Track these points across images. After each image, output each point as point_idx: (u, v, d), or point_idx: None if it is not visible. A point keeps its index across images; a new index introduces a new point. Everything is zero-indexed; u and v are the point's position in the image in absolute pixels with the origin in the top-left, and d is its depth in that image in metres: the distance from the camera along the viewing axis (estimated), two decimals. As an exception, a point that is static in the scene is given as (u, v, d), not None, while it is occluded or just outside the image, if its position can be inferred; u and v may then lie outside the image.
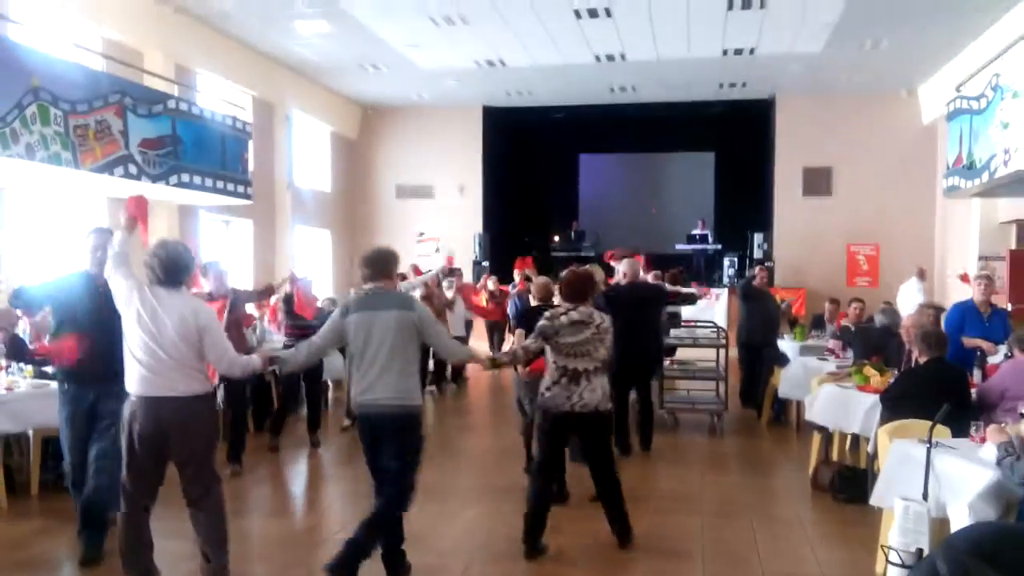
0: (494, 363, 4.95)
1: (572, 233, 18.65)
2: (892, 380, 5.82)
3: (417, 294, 9.44)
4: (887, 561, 3.89)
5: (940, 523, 4.00)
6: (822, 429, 6.65)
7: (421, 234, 16.78)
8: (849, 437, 6.62)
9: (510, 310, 10.78)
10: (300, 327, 7.73)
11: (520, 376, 6.42)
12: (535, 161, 19.60)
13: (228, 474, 6.39)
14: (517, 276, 11.28)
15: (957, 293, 14.00)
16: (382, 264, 4.40)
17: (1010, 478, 3.59)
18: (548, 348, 4.90)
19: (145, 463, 3.98)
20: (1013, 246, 13.53)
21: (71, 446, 4.81)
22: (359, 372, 4.26)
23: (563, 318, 4.86)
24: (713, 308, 15.59)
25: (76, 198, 10.89)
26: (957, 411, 5.17)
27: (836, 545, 5.20)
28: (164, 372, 3.91)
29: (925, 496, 3.91)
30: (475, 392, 11.82)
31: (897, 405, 5.35)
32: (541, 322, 4.91)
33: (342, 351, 6.86)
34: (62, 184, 10.07)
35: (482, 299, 12.84)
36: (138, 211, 4.38)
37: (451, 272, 11.76)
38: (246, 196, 12.44)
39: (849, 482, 5.98)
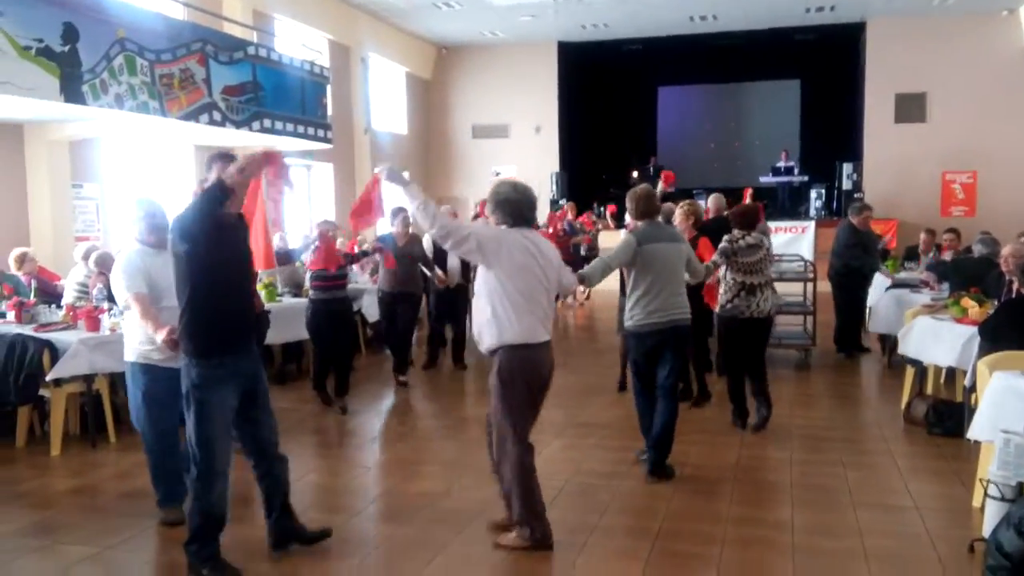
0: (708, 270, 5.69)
1: (651, 169, 18.28)
2: (991, 311, 5.58)
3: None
4: (985, 494, 3.78)
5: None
6: (915, 363, 6.46)
7: (497, 174, 16.76)
8: (944, 371, 6.42)
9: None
10: (324, 278, 6.94)
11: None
12: (612, 96, 19.24)
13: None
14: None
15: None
16: (653, 202, 5.12)
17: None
18: (726, 267, 5.90)
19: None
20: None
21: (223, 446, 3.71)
22: (649, 294, 4.90)
23: (741, 241, 5.87)
24: (800, 241, 15.21)
25: (165, 146, 11.20)
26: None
27: (930, 478, 5.07)
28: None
29: (1028, 428, 3.76)
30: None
31: (997, 337, 5.14)
32: (723, 244, 5.89)
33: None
34: (151, 133, 10.36)
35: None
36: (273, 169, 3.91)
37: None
38: (326, 140, 12.59)
39: (944, 416, 5.81)
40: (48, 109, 8.07)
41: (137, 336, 4.30)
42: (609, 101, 19.18)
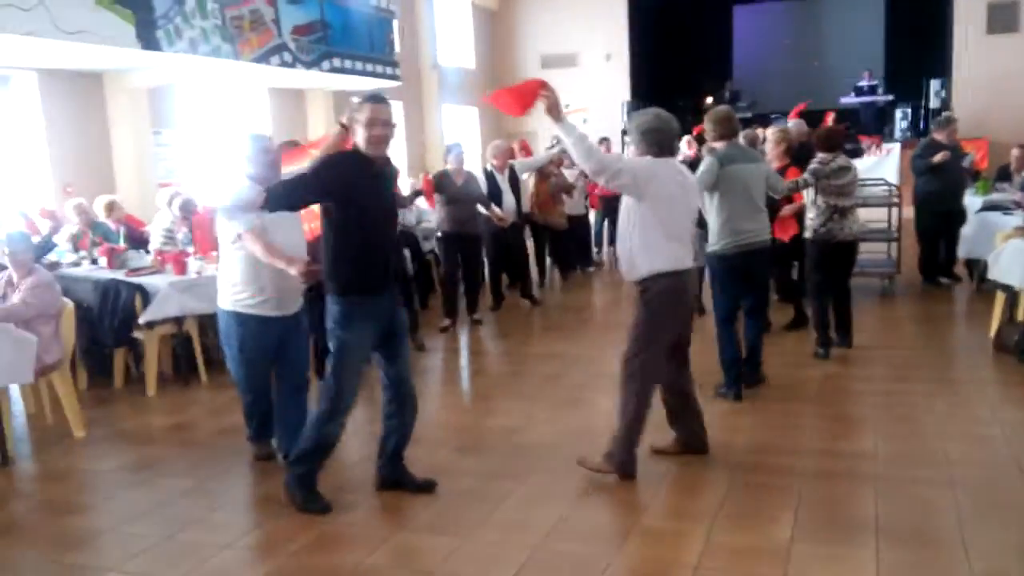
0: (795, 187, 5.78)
1: (727, 94, 17.77)
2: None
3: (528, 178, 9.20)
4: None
5: None
6: (1006, 288, 6.20)
7: (567, 105, 16.40)
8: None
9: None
10: None
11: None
12: (684, 18, 18.59)
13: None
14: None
15: None
16: (733, 123, 5.20)
17: None
18: (815, 190, 5.88)
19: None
20: None
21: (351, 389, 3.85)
22: (736, 215, 4.99)
23: (832, 164, 5.83)
24: (884, 164, 14.65)
25: (239, 90, 11.34)
26: None
27: (1020, 408, 4.92)
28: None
29: None
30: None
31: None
32: (813, 165, 5.87)
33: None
34: (225, 77, 10.50)
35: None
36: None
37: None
38: (395, 78, 12.58)
39: (1038, 343, 5.60)
40: (126, 57, 8.24)
41: (232, 282, 4.21)
42: (681, 24, 18.56)
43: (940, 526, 3.43)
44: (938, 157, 7.83)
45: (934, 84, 15.60)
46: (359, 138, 3.63)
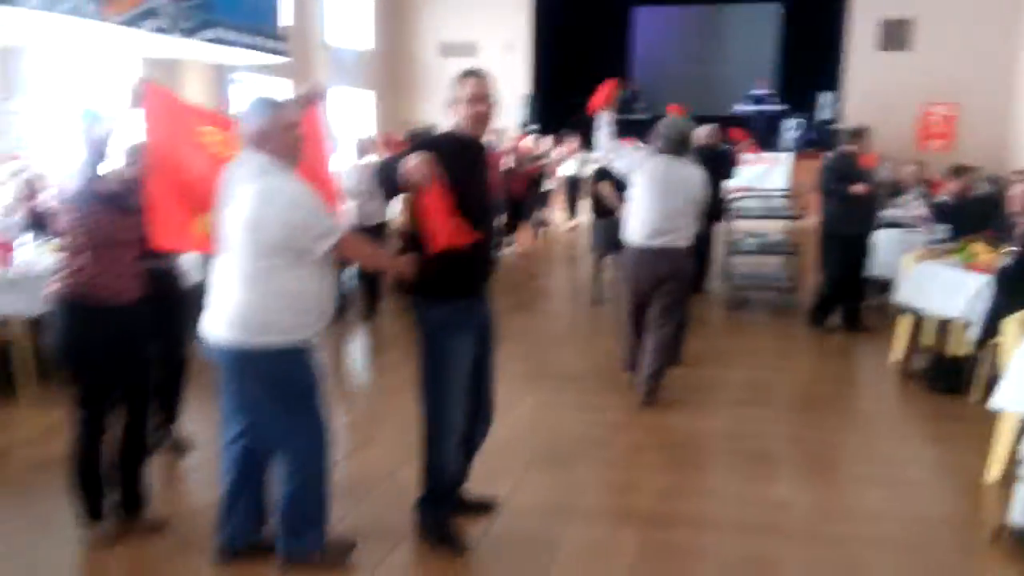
0: None
1: (625, 94, 17.53)
2: (1010, 259, 5.14)
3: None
4: (1019, 476, 3.35)
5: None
6: (914, 311, 6.02)
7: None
8: (935, 321, 5.96)
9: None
10: None
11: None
12: (586, 16, 18.25)
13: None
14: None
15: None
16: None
17: None
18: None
19: None
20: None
21: (459, 405, 3.36)
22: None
23: None
24: (773, 173, 14.74)
25: (108, 57, 10.27)
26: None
27: (936, 445, 4.64)
28: None
29: (1071, 405, 3.33)
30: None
31: (1015, 287, 4.71)
32: None
33: None
34: (89, 40, 9.44)
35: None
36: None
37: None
38: (281, 53, 11.70)
39: (947, 372, 5.40)
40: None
41: (294, 309, 3.02)
42: (583, 21, 18.22)
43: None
44: (859, 188, 6.66)
45: (826, 97, 15.81)
46: (460, 117, 3.17)
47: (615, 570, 3.27)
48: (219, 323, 2.98)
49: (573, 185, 13.76)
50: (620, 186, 6.15)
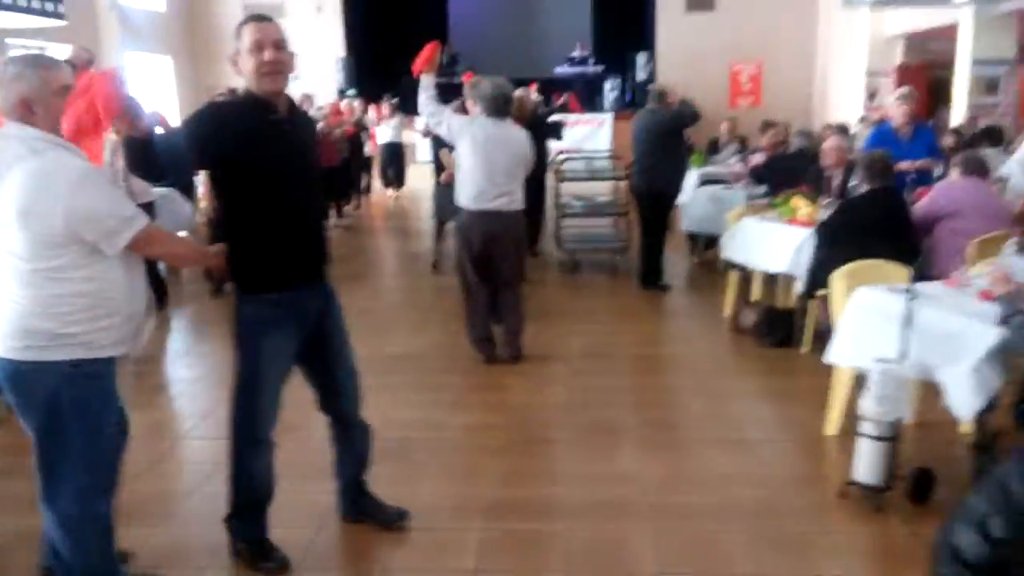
0: None
1: (444, 57, 17.07)
2: (830, 211, 5.22)
3: None
4: (858, 433, 3.31)
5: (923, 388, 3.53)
6: (741, 268, 6.06)
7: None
8: (762, 275, 6.03)
9: None
10: None
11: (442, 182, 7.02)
12: (399, -26, 17.61)
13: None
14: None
15: (843, 110, 13.75)
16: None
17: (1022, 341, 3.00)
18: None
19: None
20: (899, 61, 13.22)
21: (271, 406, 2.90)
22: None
23: None
24: (597, 134, 14.84)
25: None
26: (904, 244, 4.69)
27: (774, 401, 4.63)
28: None
29: (903, 356, 3.30)
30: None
31: (836, 239, 4.77)
32: None
33: None
34: None
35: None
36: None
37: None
38: (58, 16, 10.45)
39: (777, 325, 5.45)
40: None
41: (75, 315, 2.44)
42: (396, -20, 17.57)
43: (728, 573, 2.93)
44: None
45: (641, 57, 16.05)
46: (246, 72, 2.69)
47: (456, 568, 2.97)
48: None
49: (393, 152, 13.19)
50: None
